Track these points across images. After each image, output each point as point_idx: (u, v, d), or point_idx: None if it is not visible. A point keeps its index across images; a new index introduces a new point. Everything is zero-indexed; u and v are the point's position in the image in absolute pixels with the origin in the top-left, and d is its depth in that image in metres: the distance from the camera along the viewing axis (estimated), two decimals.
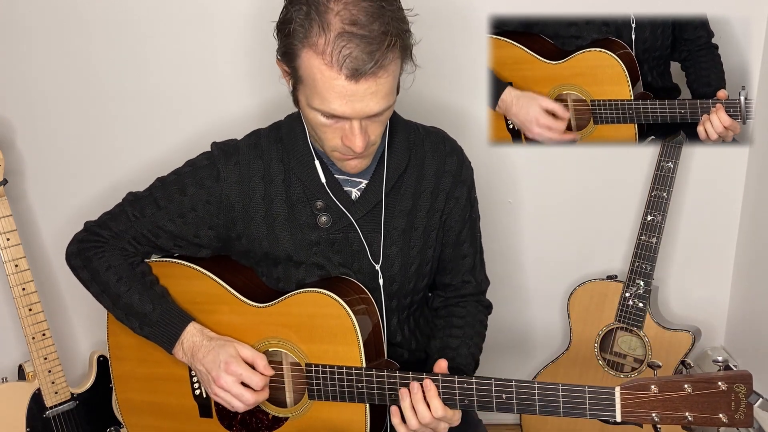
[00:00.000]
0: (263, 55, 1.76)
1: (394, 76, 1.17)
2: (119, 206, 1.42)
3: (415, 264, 1.41)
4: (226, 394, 1.28)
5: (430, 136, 1.43)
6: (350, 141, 1.20)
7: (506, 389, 1.18)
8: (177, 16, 1.74)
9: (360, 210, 1.35)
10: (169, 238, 1.38)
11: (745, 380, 1.05)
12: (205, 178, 1.34)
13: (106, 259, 1.38)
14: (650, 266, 1.79)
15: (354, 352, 1.28)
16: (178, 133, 1.81)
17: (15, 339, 1.92)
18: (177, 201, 1.35)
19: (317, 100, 1.16)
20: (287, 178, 1.34)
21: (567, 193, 1.94)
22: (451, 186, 1.42)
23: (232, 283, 1.38)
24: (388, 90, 1.16)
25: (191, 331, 1.34)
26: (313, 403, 1.32)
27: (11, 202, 1.73)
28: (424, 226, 1.40)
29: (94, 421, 1.87)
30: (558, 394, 1.15)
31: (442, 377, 1.23)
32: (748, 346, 1.93)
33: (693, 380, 1.07)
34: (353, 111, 1.15)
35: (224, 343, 1.31)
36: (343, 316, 1.28)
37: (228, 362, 1.27)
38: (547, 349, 2.07)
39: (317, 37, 1.11)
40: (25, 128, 1.81)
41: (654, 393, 1.08)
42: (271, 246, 1.35)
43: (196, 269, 1.39)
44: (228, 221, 1.35)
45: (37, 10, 1.72)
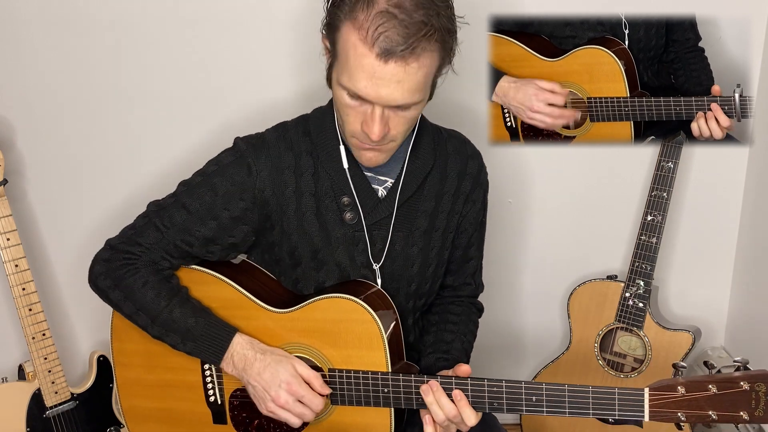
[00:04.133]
0: (271, 57, 1.77)
1: (426, 72, 1.15)
2: (143, 218, 1.35)
3: (433, 265, 1.41)
4: (285, 413, 1.26)
5: (452, 139, 1.43)
6: (368, 127, 1.19)
7: (536, 392, 1.18)
8: (178, 15, 1.74)
9: (386, 208, 1.35)
10: (202, 244, 1.33)
11: (766, 379, 1.10)
12: (235, 174, 1.30)
13: (141, 275, 1.31)
14: (650, 266, 1.79)
15: (380, 356, 1.27)
16: (178, 131, 1.82)
17: (15, 339, 1.92)
18: (208, 202, 1.31)
19: (346, 76, 1.16)
20: (316, 172, 1.32)
21: (567, 192, 1.94)
22: (471, 189, 1.42)
23: (250, 288, 1.35)
24: (416, 83, 1.15)
25: (240, 342, 1.30)
26: (335, 408, 1.31)
27: (11, 202, 1.73)
28: (444, 227, 1.40)
29: (94, 421, 1.87)
30: (588, 395, 1.16)
31: (471, 380, 1.22)
32: (748, 346, 1.92)
33: (717, 380, 1.11)
34: (377, 95, 1.15)
35: (280, 359, 1.28)
36: (369, 321, 1.27)
37: (290, 383, 1.25)
38: (546, 348, 2.07)
39: (360, 12, 1.11)
40: (25, 128, 1.81)
41: (681, 393, 1.12)
42: (300, 240, 1.33)
43: (213, 275, 1.35)
44: (262, 216, 1.32)
45: (38, 9, 1.72)
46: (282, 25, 1.75)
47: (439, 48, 1.15)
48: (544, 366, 1.96)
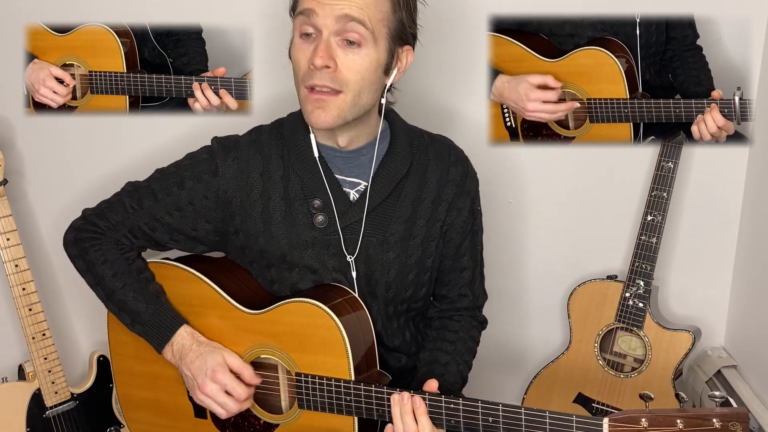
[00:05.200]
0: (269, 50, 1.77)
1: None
2: (117, 195, 1.42)
3: (413, 272, 1.39)
4: (210, 401, 1.28)
5: (435, 144, 1.41)
6: (314, 58, 1.19)
7: (493, 412, 1.17)
8: (178, 12, 1.74)
9: (357, 212, 1.34)
10: (165, 231, 1.38)
11: (741, 419, 1.00)
12: (203, 173, 1.34)
13: (102, 252, 1.37)
14: (650, 266, 1.79)
15: (343, 364, 1.27)
16: (178, 131, 1.81)
17: (15, 339, 1.92)
18: (175, 194, 1.35)
19: (297, 8, 1.21)
20: (286, 175, 1.34)
21: (567, 192, 1.94)
22: (454, 196, 1.40)
23: (227, 287, 1.37)
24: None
25: (182, 333, 1.34)
26: (303, 412, 1.32)
27: (11, 202, 1.73)
28: (424, 235, 1.38)
29: (94, 421, 1.87)
30: (545, 421, 1.13)
31: (429, 395, 1.22)
32: (748, 346, 1.92)
33: (686, 416, 1.02)
34: (319, 4, 1.17)
35: (212, 350, 1.31)
36: (333, 327, 1.26)
37: (215, 370, 1.27)
38: (546, 348, 2.07)
39: None
40: (25, 128, 1.81)
41: (644, 427, 1.04)
42: (267, 243, 1.34)
43: (191, 272, 1.38)
44: (226, 216, 1.35)
45: (38, 9, 1.72)
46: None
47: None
48: (544, 366, 1.96)
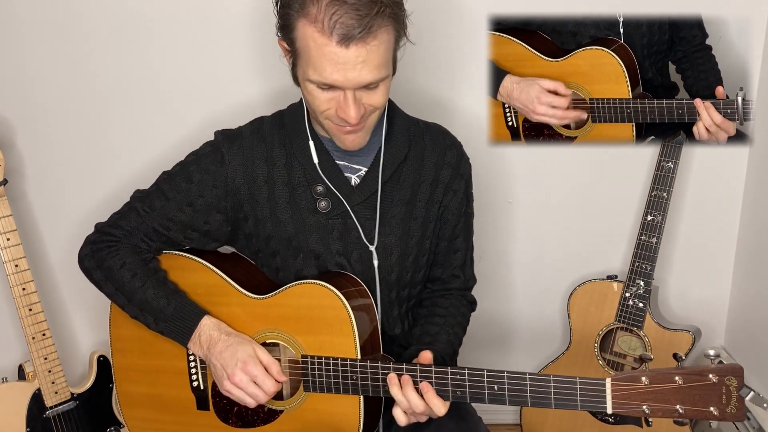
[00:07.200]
0: (263, 51, 1.77)
1: (386, 47, 1.20)
2: (127, 204, 1.44)
3: (413, 254, 1.42)
4: (240, 392, 1.29)
5: (430, 130, 1.46)
6: (344, 112, 1.23)
7: (498, 380, 1.18)
8: (176, 14, 1.74)
9: (359, 196, 1.37)
10: (179, 229, 1.40)
11: (736, 373, 1.05)
12: (210, 164, 1.37)
13: (120, 257, 1.39)
14: (650, 266, 1.79)
15: (349, 343, 1.29)
16: (178, 130, 1.81)
17: (15, 339, 1.92)
18: (184, 190, 1.38)
19: (311, 70, 1.20)
20: (289, 162, 1.37)
21: (567, 192, 1.94)
22: (450, 178, 1.44)
23: (233, 274, 1.39)
24: (380, 60, 1.20)
25: (208, 324, 1.35)
26: (309, 395, 1.33)
27: (11, 202, 1.73)
28: (423, 216, 1.42)
29: (94, 421, 1.87)
30: (549, 385, 1.15)
31: (435, 369, 1.23)
32: (748, 346, 1.92)
33: (684, 372, 1.07)
34: (346, 79, 1.19)
35: (242, 341, 1.32)
36: (340, 307, 1.29)
37: (246, 362, 1.29)
38: (546, 349, 2.07)
39: (311, 5, 1.16)
40: (25, 128, 1.81)
41: (645, 384, 1.08)
42: (274, 228, 1.37)
43: (197, 261, 1.41)
44: (235, 203, 1.38)
45: (37, 9, 1.72)
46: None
47: (392, 21, 1.20)
48: (544, 366, 1.96)
